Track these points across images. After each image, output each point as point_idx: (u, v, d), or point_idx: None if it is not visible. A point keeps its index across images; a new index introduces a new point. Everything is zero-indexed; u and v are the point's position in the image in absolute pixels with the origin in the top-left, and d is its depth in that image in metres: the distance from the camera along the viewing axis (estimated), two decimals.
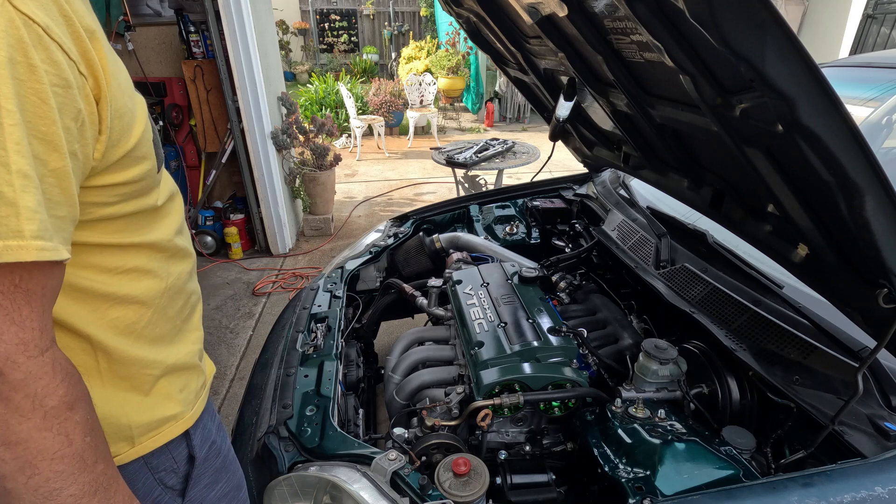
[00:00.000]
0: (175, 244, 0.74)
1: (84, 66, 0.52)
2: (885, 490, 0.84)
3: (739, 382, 1.22)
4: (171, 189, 0.76)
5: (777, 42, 0.69)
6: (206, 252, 4.01)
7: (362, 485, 0.97)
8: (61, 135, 0.49)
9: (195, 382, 0.80)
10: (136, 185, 0.63)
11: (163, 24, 3.62)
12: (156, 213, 0.70)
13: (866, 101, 1.81)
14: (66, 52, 0.49)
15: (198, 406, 0.80)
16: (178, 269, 0.75)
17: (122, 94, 0.58)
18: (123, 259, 0.65)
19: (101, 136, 0.55)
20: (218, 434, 0.86)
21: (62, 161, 0.49)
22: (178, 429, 0.75)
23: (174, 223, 0.75)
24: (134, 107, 0.61)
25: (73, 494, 0.53)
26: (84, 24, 0.52)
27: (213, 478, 0.83)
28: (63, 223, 0.51)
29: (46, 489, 0.52)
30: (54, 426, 0.51)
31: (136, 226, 0.66)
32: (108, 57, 0.55)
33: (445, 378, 1.41)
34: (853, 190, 0.77)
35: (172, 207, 0.76)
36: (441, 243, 2.01)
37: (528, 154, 3.99)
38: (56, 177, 0.49)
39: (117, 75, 0.57)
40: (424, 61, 9.03)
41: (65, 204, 0.51)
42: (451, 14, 1.91)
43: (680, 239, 1.59)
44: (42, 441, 0.50)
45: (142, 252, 0.68)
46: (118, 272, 0.65)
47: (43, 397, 0.50)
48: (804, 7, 7.04)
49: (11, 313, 0.47)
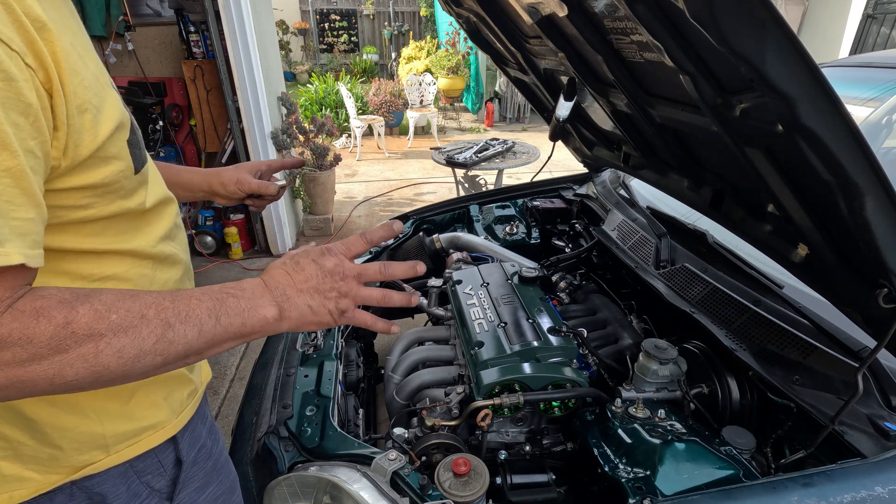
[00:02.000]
0: (160, 251, 0.71)
1: (31, 57, 0.48)
2: (885, 490, 0.84)
3: (739, 382, 1.22)
4: (162, 194, 0.73)
5: (777, 42, 0.68)
6: (206, 252, 4.01)
7: (362, 485, 0.97)
8: (9, 131, 0.45)
9: (181, 391, 0.78)
10: (108, 188, 0.60)
11: (163, 24, 3.62)
12: (140, 218, 0.68)
13: (866, 101, 1.81)
14: (5, 42, 0.45)
15: (185, 413, 0.78)
16: (164, 277, 0.72)
17: (85, 90, 0.54)
18: (101, 266, 0.63)
19: (58, 132, 0.52)
20: (209, 437, 0.85)
21: (15, 159, 0.46)
22: (159, 437, 0.73)
23: (161, 229, 0.72)
24: (101, 104, 0.57)
25: (155, 342, 0.55)
26: (31, 14, 0.48)
27: (203, 480, 0.82)
28: (29, 225, 0.48)
29: (127, 357, 0.53)
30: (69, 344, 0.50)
31: (116, 230, 0.64)
32: (65, 49, 0.51)
33: (445, 378, 1.41)
34: (853, 190, 0.77)
35: (163, 212, 0.73)
36: (441, 243, 2.01)
37: (528, 154, 3.99)
38: (11, 176, 0.46)
39: (80, 70, 0.54)
40: (424, 61, 9.03)
41: (29, 205, 0.48)
42: (451, 14, 1.91)
43: (680, 239, 1.59)
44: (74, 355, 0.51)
45: (122, 260, 0.65)
46: (93, 280, 0.62)
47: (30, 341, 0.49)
48: (804, 7, 7.04)
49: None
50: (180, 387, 0.78)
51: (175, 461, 0.77)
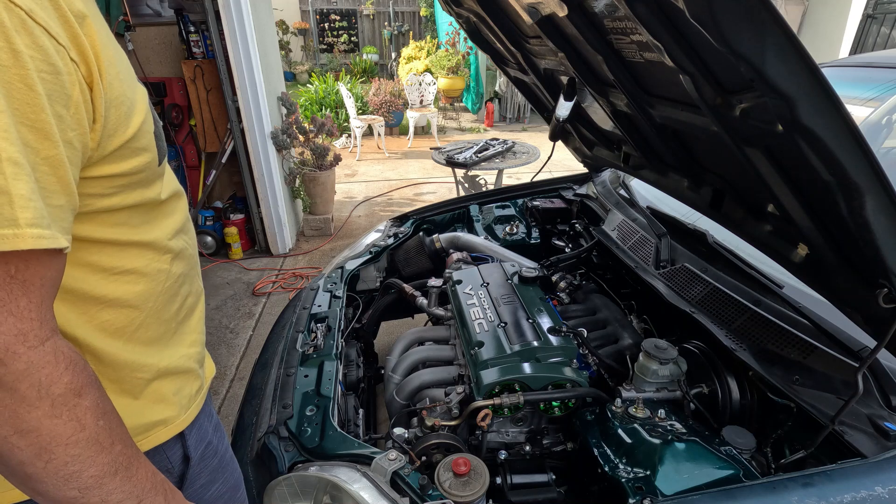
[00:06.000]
0: (175, 245, 0.72)
1: (75, 51, 0.50)
2: (885, 490, 0.84)
3: (739, 382, 1.21)
4: (174, 187, 0.74)
5: (777, 42, 0.68)
6: (206, 252, 4.01)
7: (362, 485, 0.97)
8: (52, 122, 0.47)
9: (191, 386, 0.78)
10: (135, 177, 0.61)
11: (163, 24, 3.62)
12: (158, 209, 0.69)
13: (866, 101, 1.81)
14: (53, 37, 0.47)
15: (192, 409, 0.78)
16: (177, 271, 0.73)
17: (121, 83, 0.56)
18: (122, 259, 0.64)
19: (96, 124, 0.53)
20: (215, 434, 0.85)
21: (55, 149, 0.48)
22: (169, 433, 0.74)
23: (176, 222, 0.73)
24: (134, 96, 0.59)
25: (93, 475, 0.53)
26: (73, 9, 0.50)
27: (209, 478, 0.83)
28: (61, 212, 0.50)
29: (65, 472, 0.52)
30: (63, 413, 0.50)
31: (137, 220, 0.65)
32: (102, 43, 0.53)
33: (445, 378, 1.41)
34: (853, 190, 0.77)
35: (177, 206, 0.74)
36: (441, 243, 2.01)
37: (528, 154, 3.99)
38: (50, 165, 0.48)
39: (116, 63, 0.55)
40: (424, 61, 9.03)
41: (61, 193, 0.50)
42: (451, 14, 1.91)
43: (680, 239, 1.59)
44: (54, 428, 0.50)
45: (142, 252, 0.66)
46: (114, 273, 0.63)
47: (48, 386, 0.49)
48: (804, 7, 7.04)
49: (8, 304, 0.46)
50: (189, 382, 0.78)
51: (183, 457, 0.77)
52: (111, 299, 0.63)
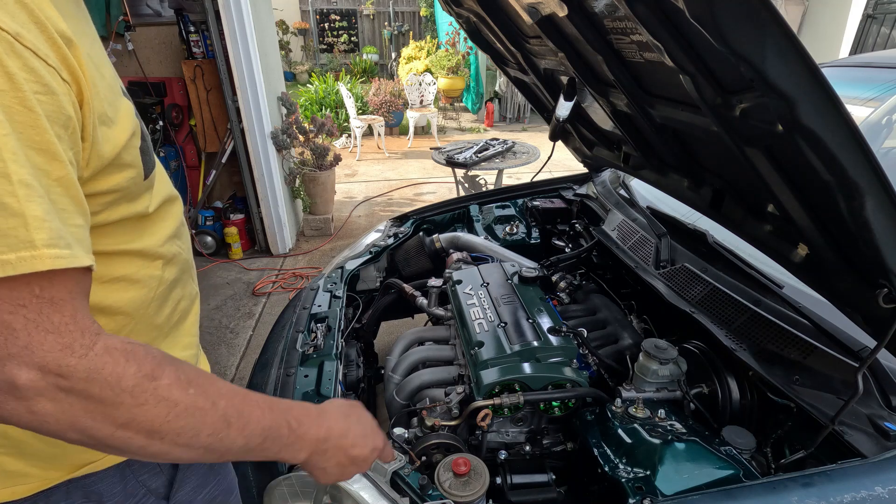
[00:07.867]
0: (167, 251, 0.71)
1: (66, 72, 0.50)
2: (885, 490, 0.84)
3: (739, 382, 1.21)
4: (167, 194, 0.73)
5: (777, 42, 0.69)
6: (206, 252, 4.01)
7: (362, 485, 0.97)
8: (56, 143, 0.47)
9: None
10: (118, 194, 0.61)
11: (163, 24, 3.62)
12: (146, 220, 0.68)
13: (866, 101, 1.81)
14: (42, 59, 0.47)
15: None
16: (170, 277, 0.73)
17: (102, 101, 0.56)
18: (111, 267, 0.63)
19: (85, 143, 0.53)
20: None
21: (64, 169, 0.48)
22: None
23: (167, 228, 0.72)
24: (115, 114, 0.58)
25: (209, 434, 0.55)
26: (59, 30, 0.49)
27: (201, 481, 0.82)
28: (82, 231, 0.50)
29: (182, 441, 0.53)
30: (148, 399, 0.50)
31: (124, 232, 0.64)
32: (87, 63, 0.53)
33: (445, 378, 1.41)
34: (853, 190, 0.77)
35: (169, 212, 0.73)
36: (441, 243, 2.01)
37: (528, 154, 3.99)
38: (62, 186, 0.48)
39: (98, 83, 0.55)
40: (424, 61, 9.03)
41: (77, 213, 0.50)
42: (451, 14, 1.91)
43: (680, 239, 1.59)
44: (146, 414, 0.50)
45: (131, 260, 0.66)
46: (103, 281, 0.63)
47: (118, 382, 0.49)
48: (804, 7, 7.04)
49: (43, 324, 0.46)
50: None
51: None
52: (102, 307, 0.63)
